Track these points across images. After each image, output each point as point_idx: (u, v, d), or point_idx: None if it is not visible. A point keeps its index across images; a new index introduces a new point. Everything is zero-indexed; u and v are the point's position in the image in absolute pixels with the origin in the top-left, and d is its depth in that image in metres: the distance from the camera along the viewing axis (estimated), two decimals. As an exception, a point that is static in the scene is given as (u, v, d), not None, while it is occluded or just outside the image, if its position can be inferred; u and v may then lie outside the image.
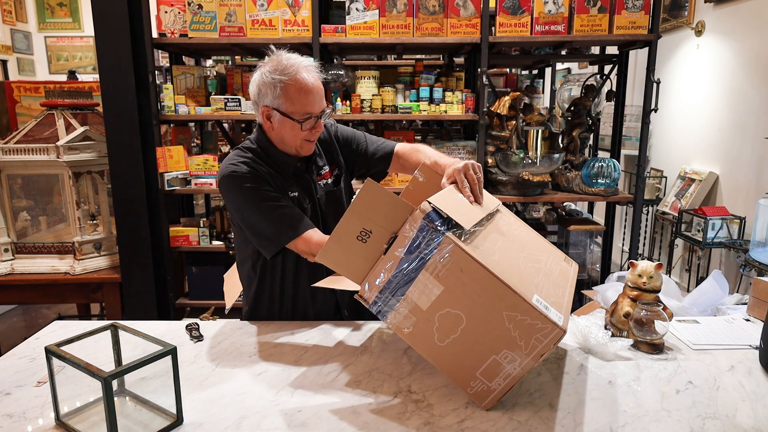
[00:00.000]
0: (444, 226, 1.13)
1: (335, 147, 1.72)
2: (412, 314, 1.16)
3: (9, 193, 2.81)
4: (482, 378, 1.14)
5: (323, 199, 1.66)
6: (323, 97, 1.54)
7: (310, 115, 1.50)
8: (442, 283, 1.12)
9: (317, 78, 1.52)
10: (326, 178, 1.67)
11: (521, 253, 1.27)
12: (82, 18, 6.43)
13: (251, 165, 1.53)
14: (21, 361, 1.40)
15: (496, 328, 1.10)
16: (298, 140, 1.54)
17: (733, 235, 3.35)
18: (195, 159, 3.08)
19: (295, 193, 1.58)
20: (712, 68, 3.81)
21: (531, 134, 3.15)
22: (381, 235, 1.17)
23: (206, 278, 3.19)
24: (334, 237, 1.20)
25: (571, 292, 1.27)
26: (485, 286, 1.10)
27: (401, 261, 1.14)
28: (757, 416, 1.14)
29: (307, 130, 1.52)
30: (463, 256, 1.10)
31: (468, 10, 2.91)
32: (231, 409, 1.18)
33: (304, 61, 1.51)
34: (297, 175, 1.61)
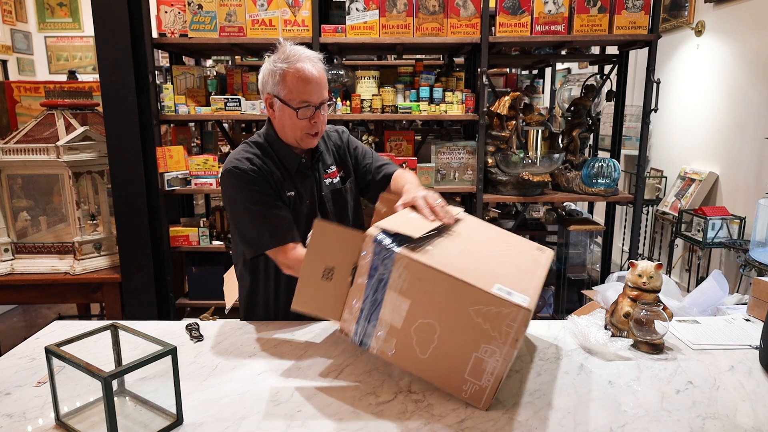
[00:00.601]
0: (394, 243, 1.16)
1: (346, 152, 1.74)
2: (391, 335, 1.19)
3: (9, 193, 2.81)
4: (472, 379, 1.15)
5: (329, 197, 1.67)
6: (324, 89, 1.55)
7: (307, 104, 1.52)
8: (408, 297, 1.16)
9: (320, 70, 1.53)
10: (333, 177, 1.69)
11: (485, 250, 1.31)
12: (82, 18, 6.43)
13: (254, 162, 1.54)
14: (21, 361, 1.40)
15: (468, 325, 1.12)
16: (298, 131, 1.55)
17: (733, 235, 3.35)
18: (195, 159, 3.08)
19: (291, 192, 1.59)
20: (712, 68, 3.81)
21: (531, 134, 3.15)
22: (343, 269, 1.22)
23: (206, 278, 3.19)
24: (301, 282, 1.24)
25: (543, 275, 1.28)
26: (445, 288, 1.12)
27: (366, 288, 1.19)
28: (757, 416, 1.14)
29: (305, 120, 1.53)
30: (417, 266, 1.14)
31: (468, 10, 2.91)
32: (231, 409, 1.18)
33: (307, 52, 1.53)
34: (301, 171, 1.62)
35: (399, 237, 1.18)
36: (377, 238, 1.17)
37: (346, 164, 1.73)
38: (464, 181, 3.16)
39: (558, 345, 1.49)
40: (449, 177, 3.16)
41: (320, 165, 1.67)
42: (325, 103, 1.55)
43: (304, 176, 1.63)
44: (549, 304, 3.77)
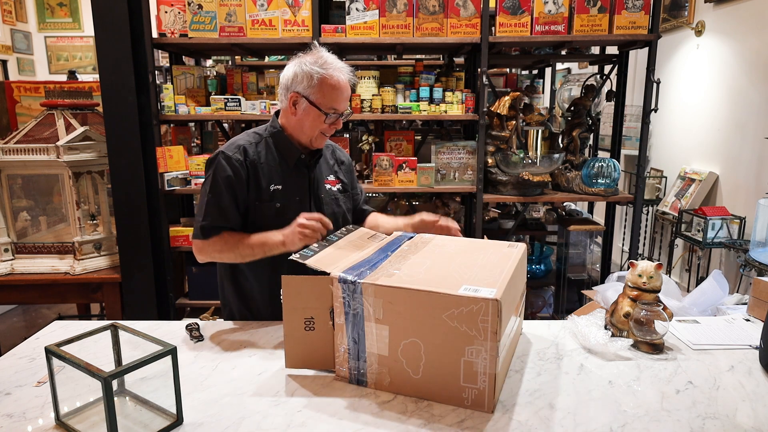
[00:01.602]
0: (357, 276, 1.21)
1: (345, 170, 1.85)
2: (382, 366, 1.22)
3: (9, 193, 2.81)
4: (468, 385, 1.15)
5: (328, 200, 1.74)
6: (348, 98, 1.66)
7: (335, 111, 1.62)
8: (385, 323, 1.19)
9: (348, 81, 1.64)
10: (333, 185, 1.77)
11: (454, 261, 1.33)
12: (82, 18, 6.43)
13: (247, 151, 1.63)
14: (21, 361, 1.40)
15: (448, 332, 1.13)
16: (316, 131, 1.63)
17: (733, 235, 3.35)
18: (195, 159, 3.07)
19: (278, 186, 1.64)
20: (712, 68, 3.81)
21: (531, 134, 3.15)
22: (322, 315, 1.26)
23: (206, 278, 3.19)
24: (287, 341, 1.29)
25: (513, 267, 1.29)
26: (415, 303, 1.15)
27: (346, 327, 1.23)
28: (757, 416, 1.14)
29: (327, 124, 1.62)
30: (384, 290, 1.17)
31: (468, 10, 2.91)
32: (231, 409, 1.18)
33: (341, 63, 1.64)
34: (298, 166, 1.68)
35: (360, 270, 1.24)
36: (341, 276, 1.21)
37: (345, 181, 1.82)
38: (464, 181, 3.16)
39: (558, 345, 1.49)
40: (449, 177, 3.16)
41: (320, 168, 1.74)
42: (347, 111, 1.67)
43: (299, 173, 1.68)
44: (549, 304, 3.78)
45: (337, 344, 1.25)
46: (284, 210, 1.63)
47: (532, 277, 3.74)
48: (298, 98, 1.60)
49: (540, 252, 3.80)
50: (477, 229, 3.17)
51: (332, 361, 1.28)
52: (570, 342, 1.50)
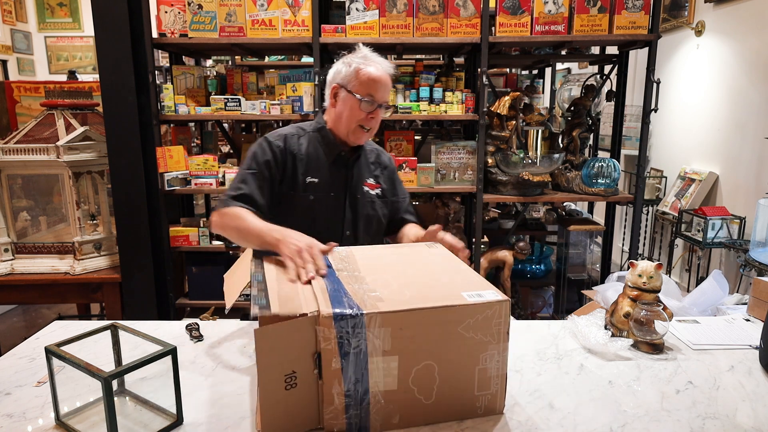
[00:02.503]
0: (355, 308, 1.03)
1: (387, 174, 1.82)
2: (389, 402, 1.08)
3: (9, 193, 2.81)
4: (482, 393, 1.12)
5: (364, 202, 1.73)
6: (388, 93, 1.67)
7: (371, 99, 1.62)
8: (394, 353, 1.05)
9: (390, 76, 1.66)
10: (372, 188, 1.76)
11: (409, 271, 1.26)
12: (82, 18, 6.43)
13: (286, 139, 1.66)
14: (21, 361, 1.40)
15: (463, 345, 1.08)
16: (354, 122, 1.64)
17: (733, 235, 3.35)
18: (195, 159, 3.07)
19: (314, 179, 1.65)
20: (712, 68, 3.81)
21: (531, 134, 3.15)
22: (305, 366, 1.03)
23: (206, 278, 3.19)
24: (263, 405, 1.03)
25: (463, 265, 1.30)
26: (430, 323, 1.05)
27: (345, 371, 1.04)
28: (757, 416, 1.14)
29: (364, 113, 1.62)
30: (394, 316, 1.03)
31: (468, 10, 2.91)
32: (231, 409, 1.18)
33: (383, 59, 1.67)
34: (337, 163, 1.69)
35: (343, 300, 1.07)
36: (336, 313, 1.01)
37: (384, 183, 1.81)
38: (464, 181, 3.16)
39: (558, 345, 1.49)
40: (449, 177, 3.16)
41: (360, 169, 1.74)
42: (385, 105, 1.66)
43: (337, 170, 1.69)
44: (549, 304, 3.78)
45: (330, 396, 1.04)
46: (317, 203, 1.66)
47: (532, 277, 3.74)
48: (338, 89, 1.65)
49: (540, 252, 3.80)
50: (477, 229, 3.17)
51: (319, 419, 1.07)
52: (570, 342, 1.50)
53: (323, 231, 1.60)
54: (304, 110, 2.99)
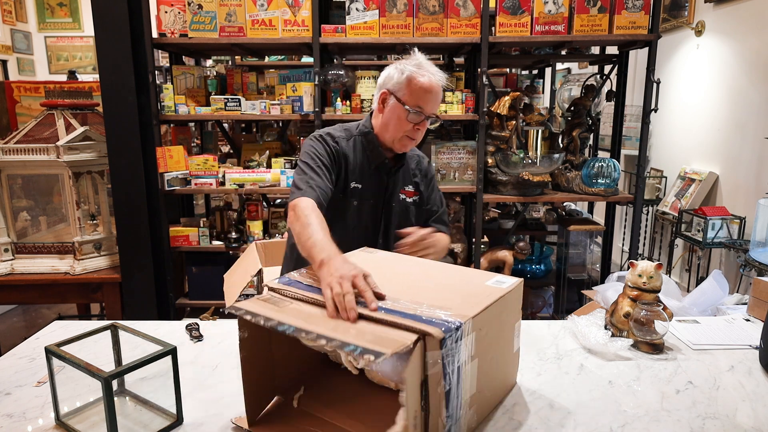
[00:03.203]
0: (452, 322, 0.96)
1: (425, 181, 1.79)
2: (471, 405, 1.05)
3: (9, 193, 2.81)
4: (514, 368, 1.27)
5: (398, 210, 1.70)
6: (438, 104, 1.63)
7: (420, 110, 1.58)
8: (475, 356, 1.03)
9: (440, 88, 1.60)
10: (409, 195, 1.73)
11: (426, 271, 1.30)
12: (82, 18, 6.43)
13: (338, 139, 1.64)
14: (21, 361, 1.40)
15: (506, 329, 1.18)
16: (400, 131, 1.61)
17: (733, 235, 3.35)
18: (195, 159, 3.08)
19: (358, 185, 1.64)
20: (712, 68, 3.81)
21: (531, 134, 3.15)
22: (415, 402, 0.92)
23: (206, 278, 3.19)
24: None
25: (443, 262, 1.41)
26: (492, 317, 1.07)
27: (447, 391, 0.95)
28: (757, 416, 1.14)
29: (411, 124, 1.59)
30: (478, 318, 1.01)
31: (468, 10, 2.91)
32: (231, 409, 1.18)
33: (436, 69, 1.61)
34: (379, 170, 1.67)
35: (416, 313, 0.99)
36: (447, 330, 0.92)
37: (423, 190, 1.78)
38: (464, 181, 3.16)
39: (558, 345, 1.49)
40: (449, 177, 3.16)
41: (399, 176, 1.71)
42: (432, 117, 1.63)
43: (379, 177, 1.67)
44: (549, 304, 3.77)
45: (435, 423, 0.95)
46: (358, 209, 1.65)
47: (533, 277, 3.74)
48: (387, 96, 1.61)
49: (540, 252, 3.80)
50: (477, 229, 3.17)
51: None
52: (570, 342, 1.50)
53: (358, 238, 1.62)
54: (304, 110, 2.99)
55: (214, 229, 3.25)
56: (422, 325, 0.92)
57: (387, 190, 1.69)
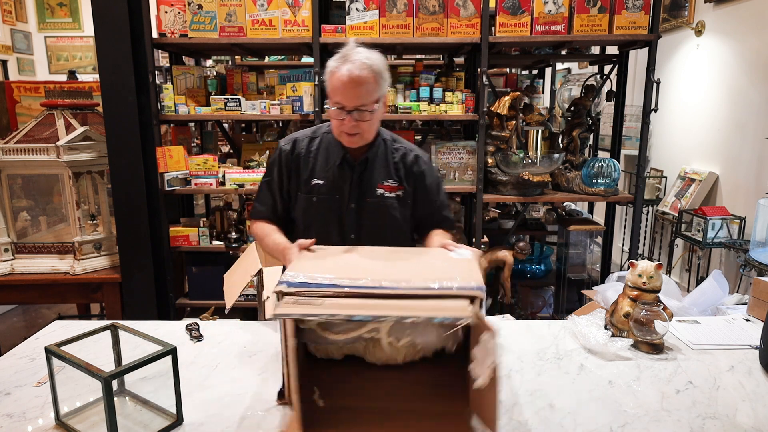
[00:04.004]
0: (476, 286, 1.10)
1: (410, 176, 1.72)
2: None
3: (9, 193, 2.81)
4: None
5: (374, 206, 1.66)
6: (365, 94, 1.52)
7: (339, 105, 1.53)
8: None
9: (364, 76, 1.50)
10: (389, 190, 1.68)
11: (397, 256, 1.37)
12: (82, 18, 6.43)
13: (298, 142, 1.69)
14: (21, 361, 1.40)
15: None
16: (337, 128, 1.59)
17: (733, 235, 3.35)
18: (195, 159, 3.07)
19: (320, 181, 1.65)
20: (712, 68, 3.81)
21: (531, 134, 3.15)
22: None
23: (206, 278, 3.19)
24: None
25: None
26: None
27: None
28: (757, 416, 1.14)
29: (338, 120, 1.56)
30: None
31: (468, 10, 2.91)
32: (231, 409, 1.18)
33: (360, 55, 1.52)
34: (343, 165, 1.66)
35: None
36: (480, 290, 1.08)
37: (410, 186, 1.72)
38: (464, 181, 3.16)
39: (558, 345, 1.49)
40: (449, 177, 3.16)
41: (374, 170, 1.67)
42: (361, 109, 1.53)
43: (343, 172, 1.65)
44: (549, 304, 3.77)
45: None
46: (319, 205, 1.65)
47: (532, 277, 3.74)
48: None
49: (540, 252, 3.80)
50: (477, 229, 3.17)
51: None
52: (570, 342, 1.50)
53: (324, 233, 1.62)
54: (304, 110, 2.99)
55: (214, 229, 3.24)
56: (465, 291, 1.08)
57: (356, 185, 1.65)
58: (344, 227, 1.66)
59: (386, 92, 1.61)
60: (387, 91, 1.61)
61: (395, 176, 1.69)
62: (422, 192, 1.73)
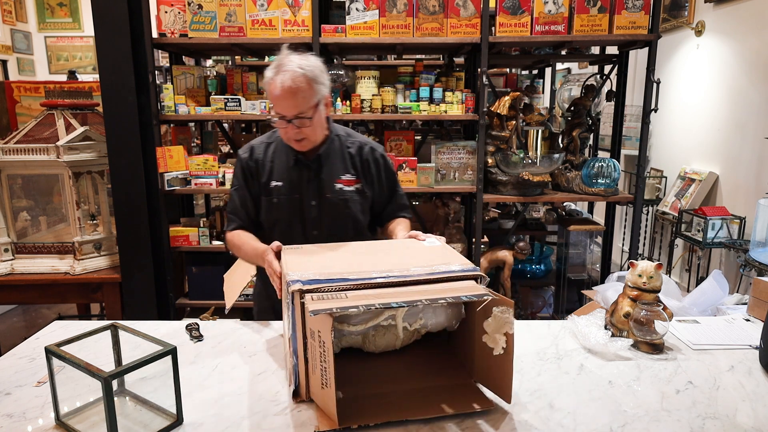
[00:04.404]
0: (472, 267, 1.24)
1: (369, 169, 1.75)
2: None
3: (9, 193, 2.81)
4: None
5: (334, 201, 1.70)
6: (300, 103, 1.53)
7: (280, 115, 1.56)
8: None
9: (297, 84, 1.51)
10: (347, 184, 1.72)
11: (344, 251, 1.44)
12: (82, 18, 6.43)
13: (255, 149, 1.73)
14: (21, 361, 1.40)
15: None
16: (284, 136, 1.65)
17: (733, 235, 3.35)
18: (195, 159, 3.07)
19: (279, 183, 1.69)
20: (712, 68, 3.81)
21: (531, 134, 3.15)
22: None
23: (206, 278, 3.19)
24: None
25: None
26: None
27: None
28: (757, 416, 1.14)
29: (282, 129, 1.60)
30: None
31: (468, 10, 2.91)
32: (231, 409, 1.18)
33: (292, 64, 1.52)
34: (299, 165, 1.70)
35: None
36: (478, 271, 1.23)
37: (367, 179, 1.75)
38: (464, 181, 3.16)
39: (558, 345, 1.49)
40: (449, 177, 3.16)
41: (330, 166, 1.70)
42: (300, 117, 1.54)
43: (299, 172, 1.69)
44: (549, 304, 3.78)
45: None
46: (280, 205, 1.70)
47: (532, 277, 3.74)
48: None
49: (540, 252, 3.80)
50: (477, 229, 3.17)
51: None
52: (570, 342, 1.50)
53: (287, 232, 1.70)
54: (304, 110, 2.99)
55: (214, 229, 3.24)
56: (468, 272, 1.19)
57: (314, 182, 1.69)
58: (306, 224, 1.71)
59: (326, 93, 1.61)
60: (327, 92, 1.61)
61: (352, 170, 1.73)
62: (379, 183, 1.78)
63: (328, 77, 1.61)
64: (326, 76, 1.59)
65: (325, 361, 1.08)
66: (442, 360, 1.34)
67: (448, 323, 1.33)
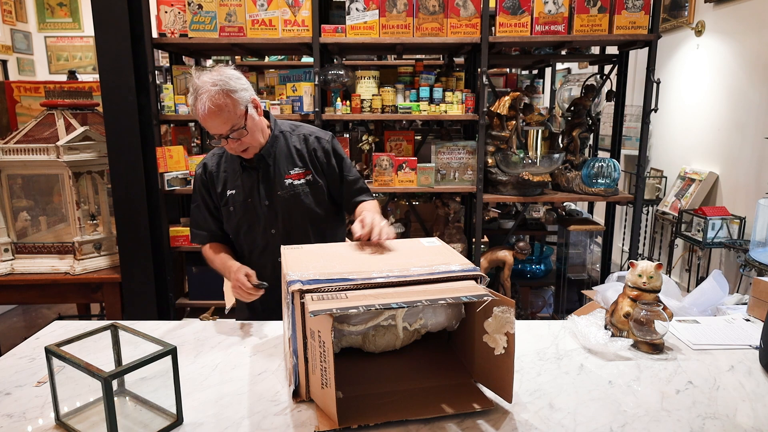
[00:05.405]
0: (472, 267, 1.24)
1: (322, 158, 1.78)
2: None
3: (9, 193, 2.81)
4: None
5: (285, 197, 1.73)
6: (225, 122, 1.56)
7: (216, 135, 1.60)
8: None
9: (216, 101, 1.52)
10: (296, 178, 1.74)
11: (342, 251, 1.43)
12: (82, 18, 6.43)
13: (207, 164, 1.78)
14: (21, 361, 1.40)
15: None
16: (229, 150, 1.67)
17: (733, 235, 3.35)
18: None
19: (233, 191, 1.73)
20: (712, 68, 3.81)
21: (531, 134, 3.15)
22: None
23: (206, 278, 3.19)
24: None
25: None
26: None
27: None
28: (757, 416, 1.14)
29: (224, 145, 1.63)
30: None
31: (468, 10, 2.91)
32: (231, 409, 1.18)
33: (204, 86, 1.53)
34: (247, 169, 1.73)
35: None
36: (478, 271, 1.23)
37: (317, 168, 1.77)
38: (464, 181, 3.16)
39: (558, 345, 1.49)
40: (449, 177, 3.16)
41: (276, 164, 1.73)
42: (234, 129, 1.58)
43: (249, 176, 1.73)
44: (549, 304, 3.78)
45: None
46: (236, 212, 1.74)
47: (532, 277, 3.74)
48: None
49: (540, 252, 3.80)
50: (477, 229, 3.17)
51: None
52: (570, 342, 1.50)
53: (249, 235, 1.75)
54: (304, 110, 2.99)
55: (214, 229, 3.24)
56: (469, 272, 1.19)
57: (264, 182, 1.72)
58: (264, 225, 1.73)
59: (250, 97, 1.62)
60: (250, 95, 1.62)
61: (300, 163, 1.75)
62: (330, 169, 1.78)
63: (245, 81, 1.61)
64: (243, 81, 1.59)
65: (325, 361, 1.08)
66: (442, 360, 1.34)
67: (448, 323, 1.33)
